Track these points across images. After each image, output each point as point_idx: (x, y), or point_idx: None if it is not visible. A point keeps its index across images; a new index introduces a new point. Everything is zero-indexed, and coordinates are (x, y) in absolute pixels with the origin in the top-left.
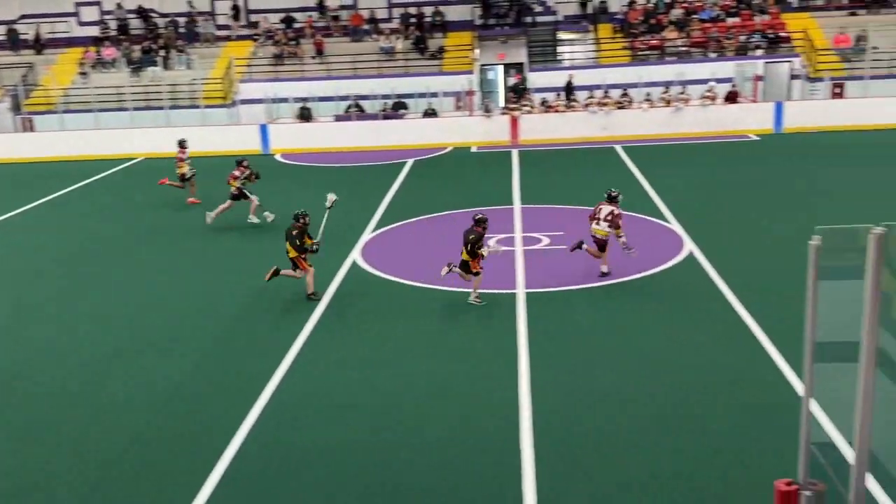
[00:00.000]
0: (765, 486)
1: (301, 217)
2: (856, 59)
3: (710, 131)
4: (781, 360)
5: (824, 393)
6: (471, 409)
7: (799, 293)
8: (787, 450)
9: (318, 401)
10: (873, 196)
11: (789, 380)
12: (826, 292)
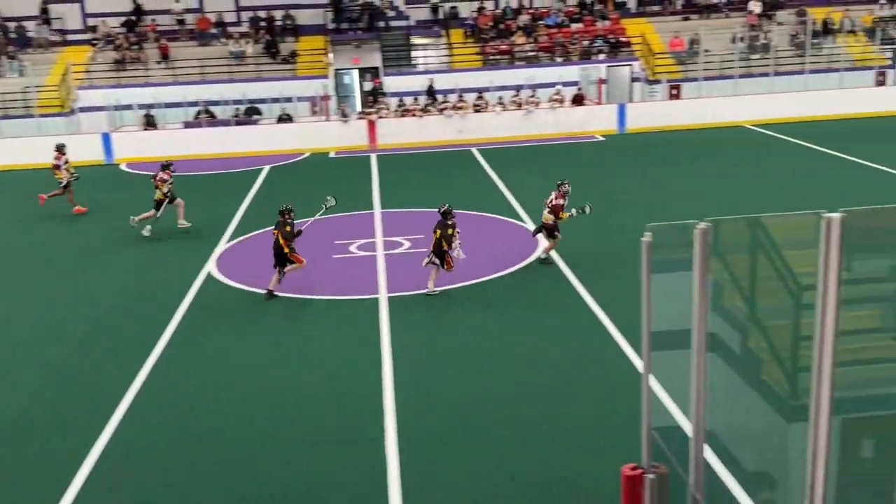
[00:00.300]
0: (616, 472)
1: (286, 213)
2: (690, 62)
3: (559, 133)
4: (631, 350)
5: (667, 378)
6: (334, 419)
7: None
8: (638, 436)
9: (174, 419)
10: (708, 190)
11: (638, 368)
12: (663, 283)
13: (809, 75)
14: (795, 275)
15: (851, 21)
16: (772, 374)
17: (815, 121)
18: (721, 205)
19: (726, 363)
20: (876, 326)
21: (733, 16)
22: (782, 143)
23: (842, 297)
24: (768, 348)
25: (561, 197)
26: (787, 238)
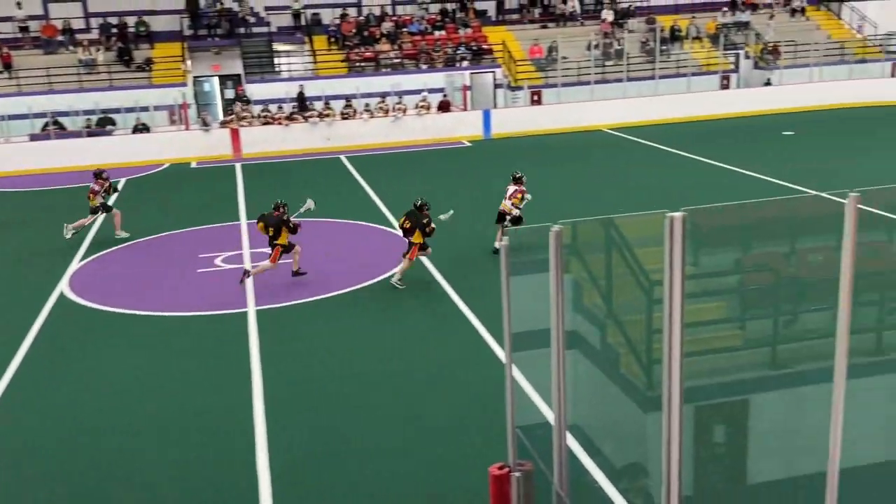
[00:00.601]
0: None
1: (281, 206)
2: (549, 69)
3: (427, 139)
4: (502, 351)
5: (534, 376)
6: (202, 438)
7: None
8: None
9: (28, 454)
10: (569, 192)
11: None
12: (525, 284)
13: (660, 80)
14: (647, 271)
15: (697, 28)
16: (629, 366)
17: (666, 123)
18: (581, 206)
19: (588, 359)
20: (722, 317)
21: (588, 24)
22: (637, 145)
23: (689, 291)
24: (625, 343)
25: (521, 186)
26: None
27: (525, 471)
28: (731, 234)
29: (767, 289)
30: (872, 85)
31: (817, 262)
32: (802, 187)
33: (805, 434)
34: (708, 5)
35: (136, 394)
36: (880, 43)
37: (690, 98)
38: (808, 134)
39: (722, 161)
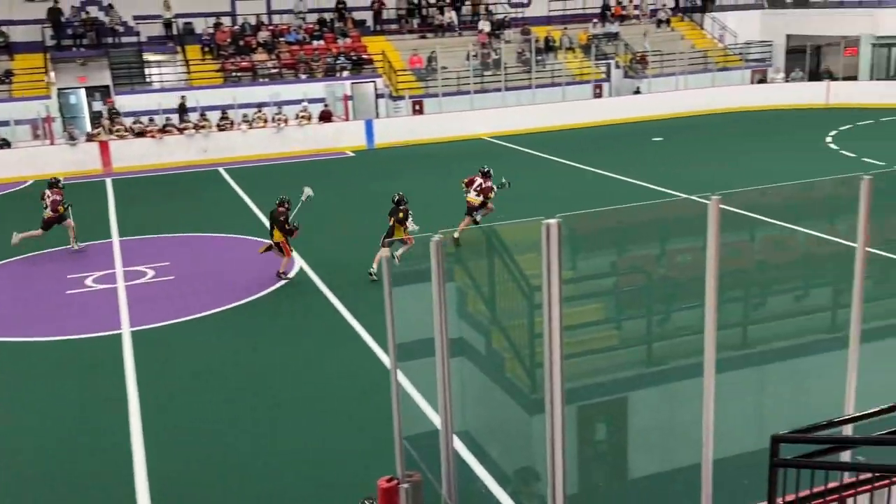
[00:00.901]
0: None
1: (286, 202)
2: (430, 79)
3: (309, 149)
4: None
5: (423, 386)
6: (79, 466)
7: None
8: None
9: None
10: (451, 201)
11: (401, 382)
12: (411, 294)
13: (536, 89)
14: (527, 277)
15: (570, 39)
16: (514, 371)
17: (544, 131)
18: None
19: (474, 365)
20: (600, 319)
21: (465, 35)
22: (516, 152)
23: (568, 295)
24: (509, 347)
25: (489, 179)
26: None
27: (413, 482)
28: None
29: (641, 289)
30: (734, 91)
31: (686, 262)
32: (672, 190)
33: (680, 427)
34: (579, 17)
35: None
36: (740, 51)
37: (566, 106)
38: (675, 139)
39: (597, 167)
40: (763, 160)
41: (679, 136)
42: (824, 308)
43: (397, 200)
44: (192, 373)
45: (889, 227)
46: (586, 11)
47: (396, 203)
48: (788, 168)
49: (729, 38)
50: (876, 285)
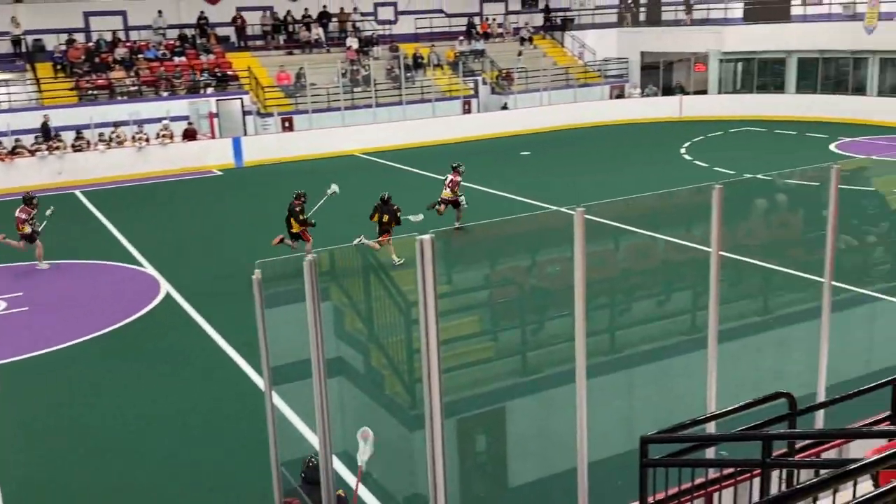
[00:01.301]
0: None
1: (302, 196)
2: (299, 95)
3: (173, 169)
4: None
5: (302, 409)
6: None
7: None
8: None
9: None
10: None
11: (277, 404)
12: (285, 315)
13: (407, 106)
14: (404, 292)
15: (437, 56)
16: (394, 388)
17: (415, 147)
18: (338, 232)
19: (354, 385)
20: (476, 331)
21: (334, 51)
22: (389, 168)
23: (444, 309)
24: (388, 364)
25: (458, 175)
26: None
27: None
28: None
29: (514, 300)
30: (594, 106)
31: (556, 272)
32: (541, 203)
33: (557, 433)
34: (446, 34)
35: None
36: (599, 68)
37: (436, 122)
38: (542, 153)
39: (469, 181)
40: (624, 171)
41: (545, 149)
42: (685, 311)
43: (387, 199)
44: (49, 406)
45: (740, 232)
46: (452, 29)
47: (385, 202)
48: (647, 178)
49: (588, 56)
50: (730, 287)
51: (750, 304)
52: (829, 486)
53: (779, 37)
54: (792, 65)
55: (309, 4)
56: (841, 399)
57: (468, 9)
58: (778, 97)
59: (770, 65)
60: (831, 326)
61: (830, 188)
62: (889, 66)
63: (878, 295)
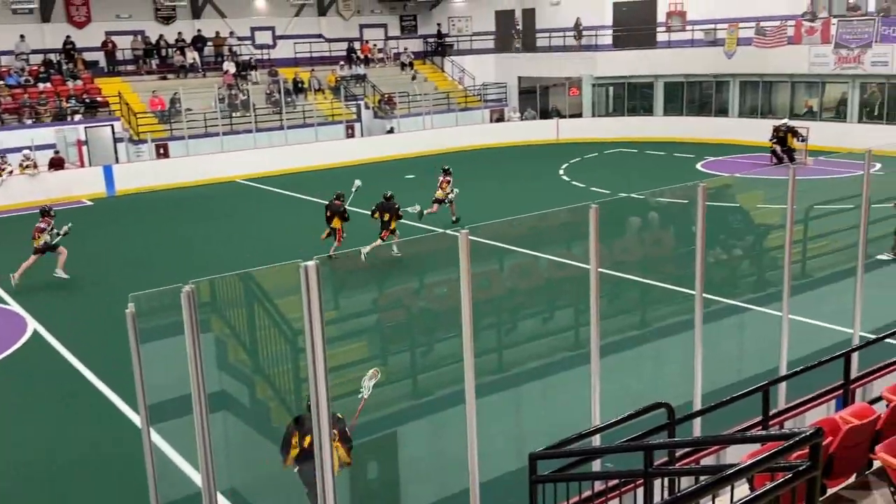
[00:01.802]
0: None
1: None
2: (174, 121)
3: (39, 200)
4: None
5: (184, 446)
6: None
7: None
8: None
9: None
10: (207, 246)
11: (158, 444)
12: (163, 349)
13: (288, 130)
14: (289, 321)
15: (318, 80)
16: (281, 419)
17: (299, 172)
18: (218, 260)
19: (239, 418)
20: (366, 356)
21: (210, 76)
22: (271, 194)
23: (332, 336)
24: (275, 395)
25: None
26: (277, 287)
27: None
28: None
29: (403, 324)
30: (476, 130)
31: (444, 293)
32: (426, 226)
33: (449, 454)
34: (326, 59)
35: None
36: (478, 92)
37: (319, 147)
38: (426, 176)
39: (353, 206)
40: (505, 193)
41: (429, 173)
42: (568, 327)
43: (389, 197)
44: None
45: (617, 249)
46: (333, 54)
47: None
48: (528, 199)
49: (468, 81)
50: (609, 303)
51: (628, 319)
52: (708, 492)
53: (646, 62)
54: (659, 88)
55: (183, 28)
56: (716, 406)
57: (348, 34)
58: (647, 119)
59: (639, 88)
60: (704, 337)
61: (698, 205)
62: (748, 89)
63: (745, 305)
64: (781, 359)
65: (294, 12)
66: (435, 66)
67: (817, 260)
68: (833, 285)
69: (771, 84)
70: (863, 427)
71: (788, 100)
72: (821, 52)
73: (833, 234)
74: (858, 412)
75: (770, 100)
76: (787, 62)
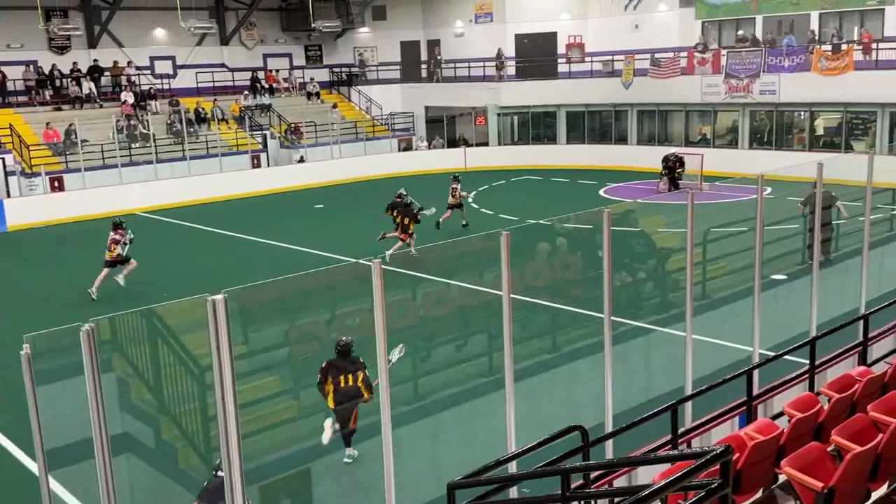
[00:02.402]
0: None
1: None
2: (70, 153)
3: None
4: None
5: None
6: None
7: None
8: None
9: None
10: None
11: (57, 493)
12: (61, 392)
13: (192, 161)
14: (196, 357)
15: (221, 110)
16: (188, 460)
17: (204, 203)
18: (118, 297)
19: (144, 462)
20: (277, 391)
21: (107, 106)
22: (175, 226)
23: (241, 371)
24: (182, 436)
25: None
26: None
27: None
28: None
29: (316, 356)
30: (384, 159)
31: (356, 324)
32: (337, 255)
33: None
34: (229, 89)
35: None
36: (386, 122)
37: (224, 177)
38: (336, 206)
39: (262, 237)
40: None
41: (339, 202)
42: (482, 353)
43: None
44: None
45: (528, 274)
46: (236, 83)
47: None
48: (436, 227)
49: (375, 110)
50: (522, 328)
51: (540, 343)
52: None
53: (549, 92)
54: (562, 118)
55: (78, 58)
56: (627, 427)
57: (252, 63)
58: (551, 148)
59: (543, 118)
60: (613, 358)
61: (604, 230)
62: (646, 117)
63: (650, 326)
64: (687, 378)
65: (195, 41)
66: (342, 96)
67: (716, 281)
68: (733, 305)
69: (667, 113)
70: (767, 442)
71: (683, 128)
72: (712, 81)
73: (730, 256)
74: (762, 428)
75: (666, 128)
76: (681, 92)
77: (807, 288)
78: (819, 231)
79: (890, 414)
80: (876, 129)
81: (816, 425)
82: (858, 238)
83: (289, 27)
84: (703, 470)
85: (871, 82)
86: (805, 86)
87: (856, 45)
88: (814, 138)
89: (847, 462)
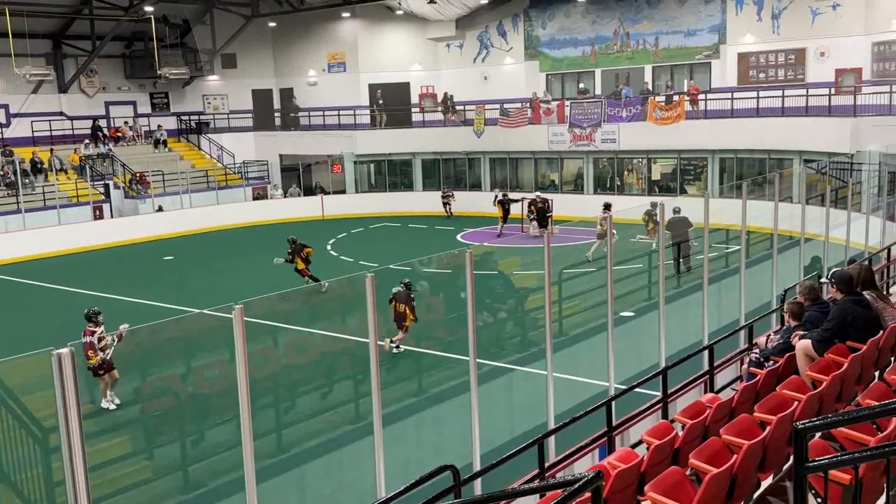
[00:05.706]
0: None
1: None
2: None
3: None
4: None
5: None
6: None
7: None
8: None
9: None
10: None
11: None
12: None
13: (27, 214)
14: (38, 419)
15: (59, 160)
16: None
17: (41, 258)
18: None
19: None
20: (129, 451)
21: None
22: (8, 283)
23: (88, 431)
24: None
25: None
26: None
27: None
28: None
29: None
30: (238, 208)
31: (214, 376)
32: (188, 307)
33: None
34: (68, 138)
35: None
36: (239, 170)
37: (63, 230)
38: (187, 256)
39: (105, 291)
40: (272, 270)
41: (190, 252)
42: (347, 400)
43: (408, 284)
44: None
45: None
46: (76, 132)
47: (407, 287)
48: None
49: (227, 158)
50: (388, 372)
51: (406, 386)
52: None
53: (403, 140)
54: (417, 165)
55: None
56: (497, 464)
57: (92, 111)
58: (408, 194)
59: (399, 165)
60: (479, 398)
61: (466, 271)
62: (497, 165)
63: (512, 366)
64: (549, 414)
65: (31, 89)
66: (191, 144)
67: (571, 318)
68: (588, 340)
69: (517, 160)
70: (629, 470)
71: (533, 174)
72: (558, 130)
73: (582, 294)
74: (623, 457)
75: (517, 174)
76: (529, 140)
77: (653, 323)
78: (663, 270)
79: (741, 436)
80: (707, 174)
81: (673, 451)
82: (698, 274)
83: (133, 74)
84: (576, 497)
85: (701, 130)
86: (642, 134)
87: (686, 96)
88: (652, 183)
89: (706, 484)
